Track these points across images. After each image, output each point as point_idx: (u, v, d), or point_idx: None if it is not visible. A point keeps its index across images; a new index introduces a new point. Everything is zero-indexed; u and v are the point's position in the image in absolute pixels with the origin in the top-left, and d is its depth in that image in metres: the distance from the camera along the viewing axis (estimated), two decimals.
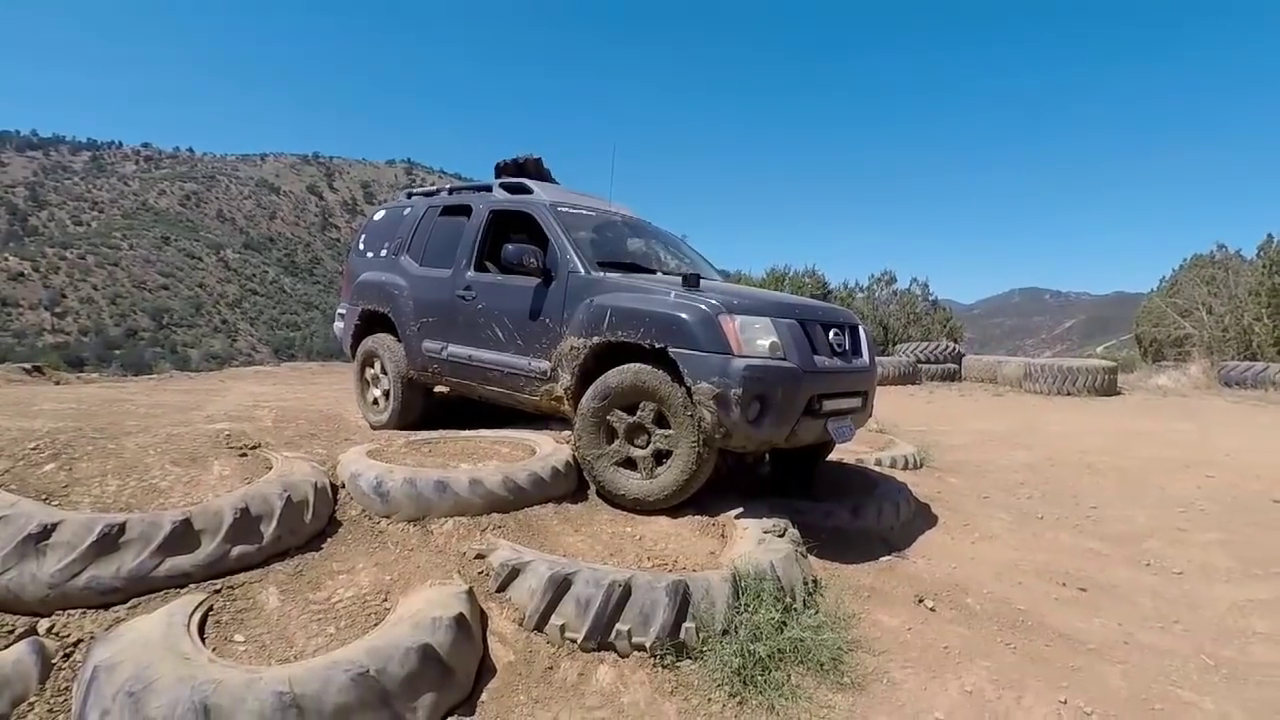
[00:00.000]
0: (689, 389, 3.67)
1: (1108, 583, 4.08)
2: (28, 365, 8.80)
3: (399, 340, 5.57)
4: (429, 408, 5.73)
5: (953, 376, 17.11)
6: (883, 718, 2.63)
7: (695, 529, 3.74)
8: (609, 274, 4.40)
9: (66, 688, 2.31)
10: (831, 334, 4.20)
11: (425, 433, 4.67)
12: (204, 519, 2.84)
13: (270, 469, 3.47)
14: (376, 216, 6.44)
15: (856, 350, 4.44)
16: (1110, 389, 14.62)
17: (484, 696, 2.51)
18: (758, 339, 3.73)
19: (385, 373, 5.64)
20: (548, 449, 4.09)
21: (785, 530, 3.60)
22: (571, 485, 3.96)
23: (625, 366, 3.89)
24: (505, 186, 5.46)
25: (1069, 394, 14.37)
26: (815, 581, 3.46)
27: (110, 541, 2.63)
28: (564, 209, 5.01)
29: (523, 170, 5.97)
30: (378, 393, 5.79)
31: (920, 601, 3.58)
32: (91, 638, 2.43)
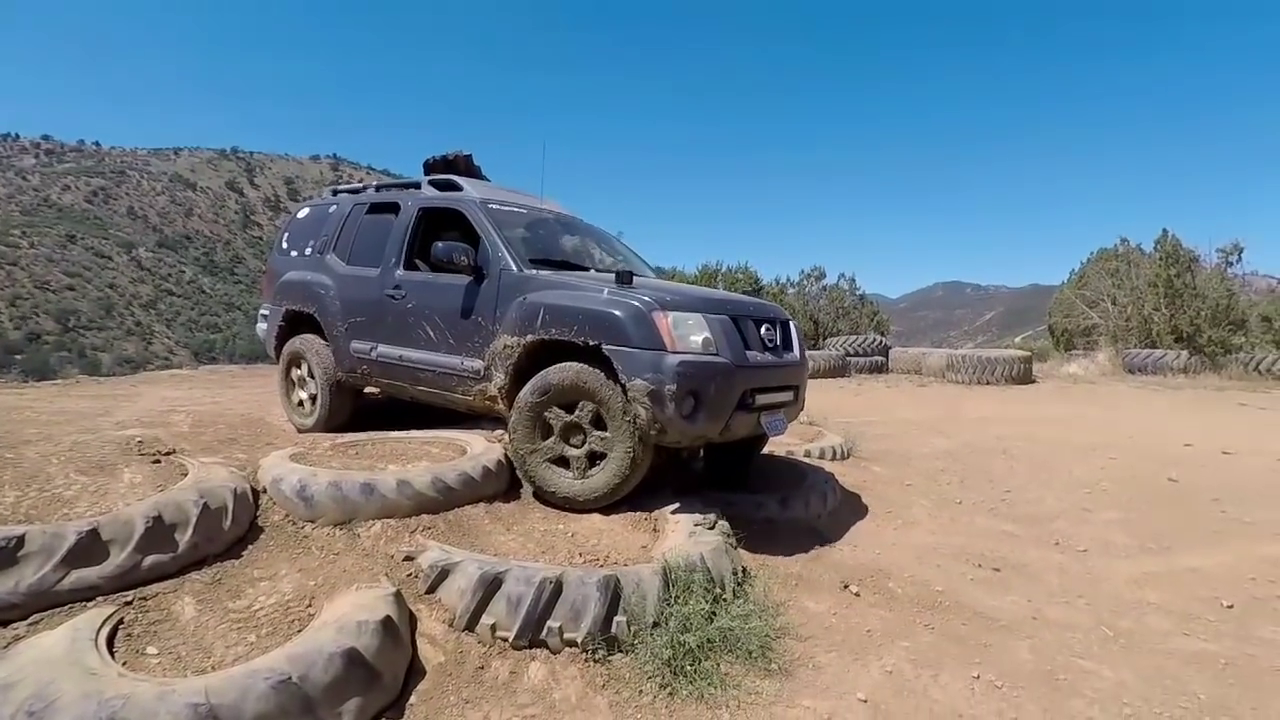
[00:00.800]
0: (623, 386, 3.69)
1: (1019, 562, 4.30)
2: None
3: (326, 341, 5.45)
4: (358, 410, 5.61)
5: (880, 369, 17.67)
6: (808, 701, 2.71)
7: (628, 524, 3.78)
8: (542, 271, 4.38)
9: None
10: (763, 329, 4.28)
11: (353, 435, 4.57)
12: (113, 529, 2.71)
13: (186, 475, 3.34)
14: (300, 214, 6.31)
15: (788, 345, 4.53)
16: (1026, 377, 15.37)
17: (413, 699, 2.48)
18: (690, 335, 3.76)
19: (312, 375, 5.52)
20: (479, 448, 4.06)
21: (715, 523, 3.67)
22: (504, 484, 3.94)
23: (566, 365, 3.88)
24: (434, 183, 5.40)
25: (988, 383, 15.04)
26: (744, 571, 3.54)
27: (8, 555, 2.49)
28: (495, 206, 4.96)
29: (452, 167, 5.91)
30: (304, 395, 5.67)
31: (845, 587, 3.70)
32: None
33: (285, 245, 6.19)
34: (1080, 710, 2.76)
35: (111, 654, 2.33)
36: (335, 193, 6.26)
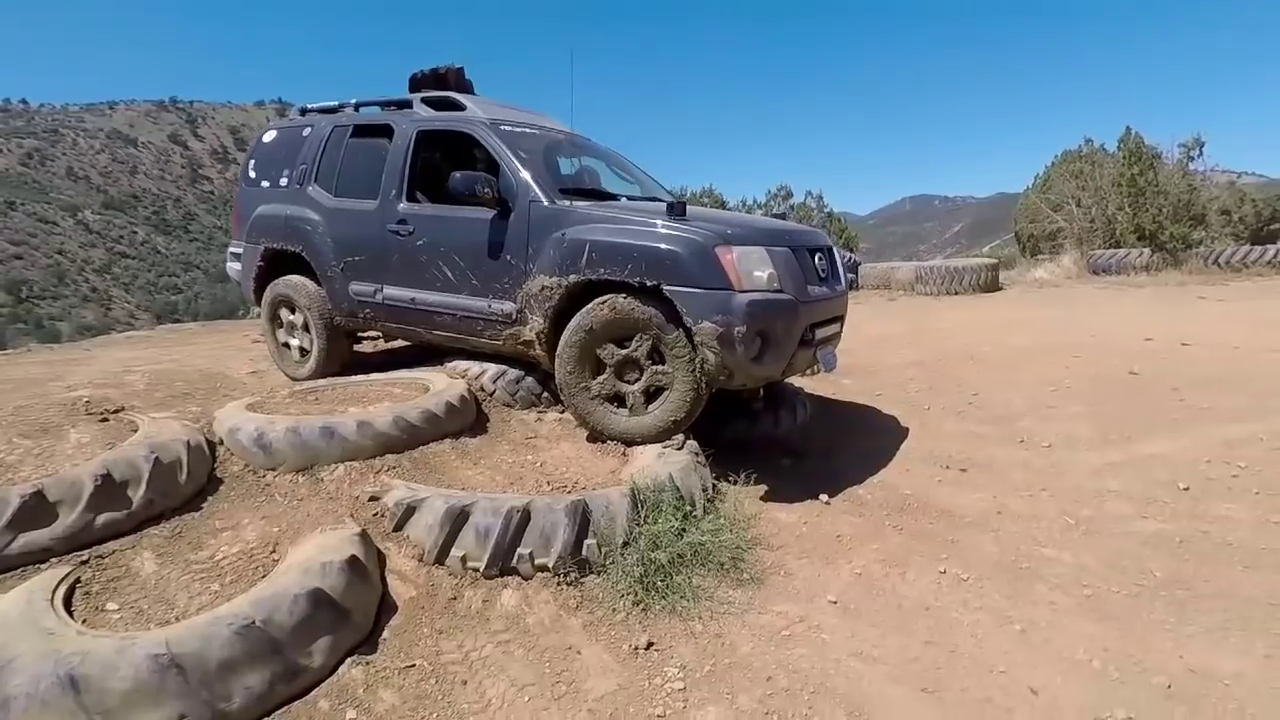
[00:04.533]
0: (688, 329, 3.49)
1: (985, 461, 4.38)
2: None
3: (318, 284, 5.00)
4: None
5: (850, 285, 17.70)
6: (779, 606, 2.76)
7: (596, 451, 3.77)
8: (577, 203, 4.03)
9: None
10: (816, 259, 4.08)
11: (311, 382, 4.46)
12: (59, 490, 2.62)
13: (136, 432, 3.24)
14: (266, 138, 5.67)
15: (835, 274, 4.34)
16: (993, 285, 15.48)
17: (386, 634, 2.47)
18: (755, 271, 3.53)
19: (304, 319, 5.09)
20: (441, 385, 3.99)
21: (684, 443, 3.66)
22: (469, 419, 3.88)
23: (616, 298, 3.63)
24: (429, 102, 4.88)
25: (956, 293, 15.14)
26: (715, 488, 3.56)
27: None
28: (507, 127, 4.51)
29: (443, 83, 5.39)
30: (295, 342, 5.25)
31: (816, 497, 3.75)
32: None
33: (253, 174, 5.53)
34: (1043, 594, 2.85)
35: (70, 613, 2.28)
36: (304, 111, 5.61)
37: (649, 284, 3.55)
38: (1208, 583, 2.90)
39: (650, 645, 2.50)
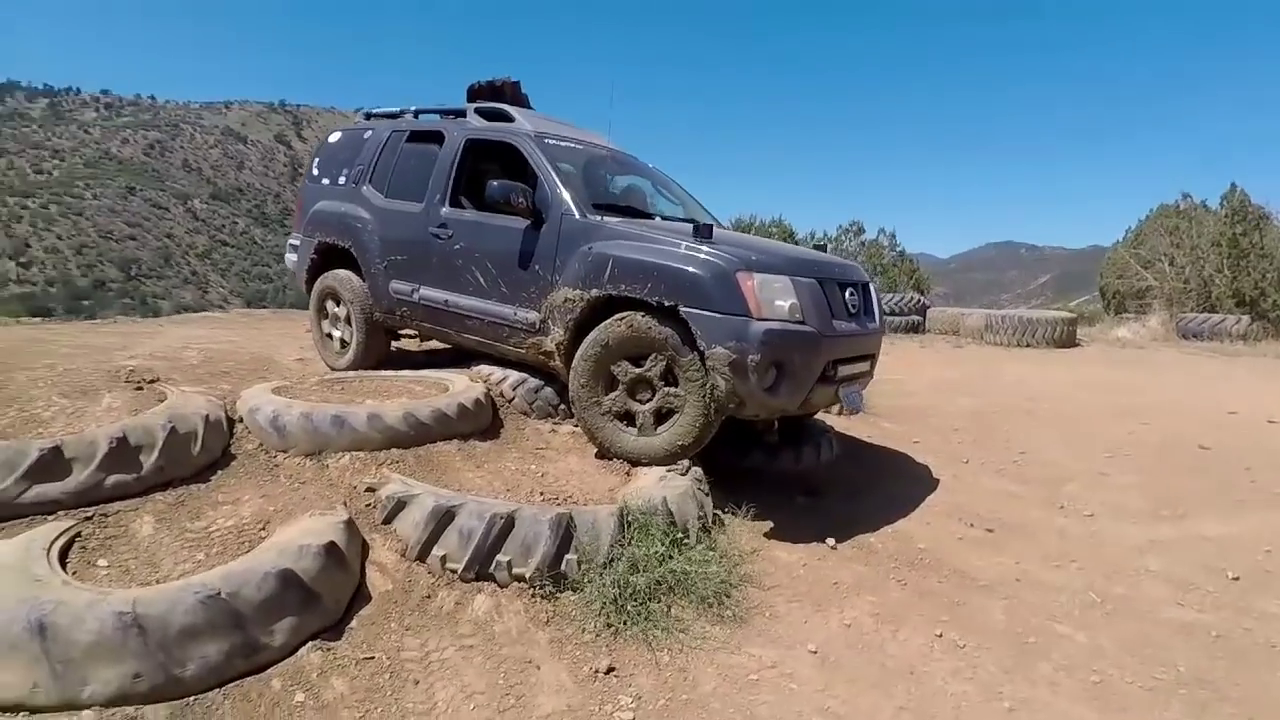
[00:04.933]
0: (701, 352, 3.43)
1: (1017, 523, 4.13)
2: None
3: (363, 279, 5.13)
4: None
5: (916, 328, 17.18)
6: (755, 649, 2.65)
7: (601, 468, 3.74)
8: (608, 218, 4.04)
9: None
10: (847, 294, 3.97)
11: (341, 373, 4.59)
12: (76, 447, 2.76)
13: (163, 402, 3.39)
14: (332, 139, 5.87)
15: (868, 310, 4.23)
16: (1069, 340, 14.77)
17: (354, 623, 2.50)
18: (776, 300, 3.46)
19: (347, 312, 5.24)
20: (460, 387, 4.04)
21: (688, 469, 3.58)
22: (483, 423, 3.91)
23: (633, 315, 3.60)
24: (482, 112, 4.98)
25: (1028, 345, 14.50)
26: (715, 518, 3.47)
27: None
28: (550, 140, 4.59)
29: (499, 95, 5.47)
30: (337, 333, 5.40)
31: (823, 539, 3.60)
32: None
33: (316, 172, 5.73)
34: (1044, 673, 2.65)
35: (64, 565, 2.38)
36: (368, 116, 5.80)
37: (666, 304, 3.52)
38: (1237, 686, 2.63)
39: (611, 670, 2.44)
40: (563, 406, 4.35)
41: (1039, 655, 2.76)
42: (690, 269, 3.51)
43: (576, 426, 4.19)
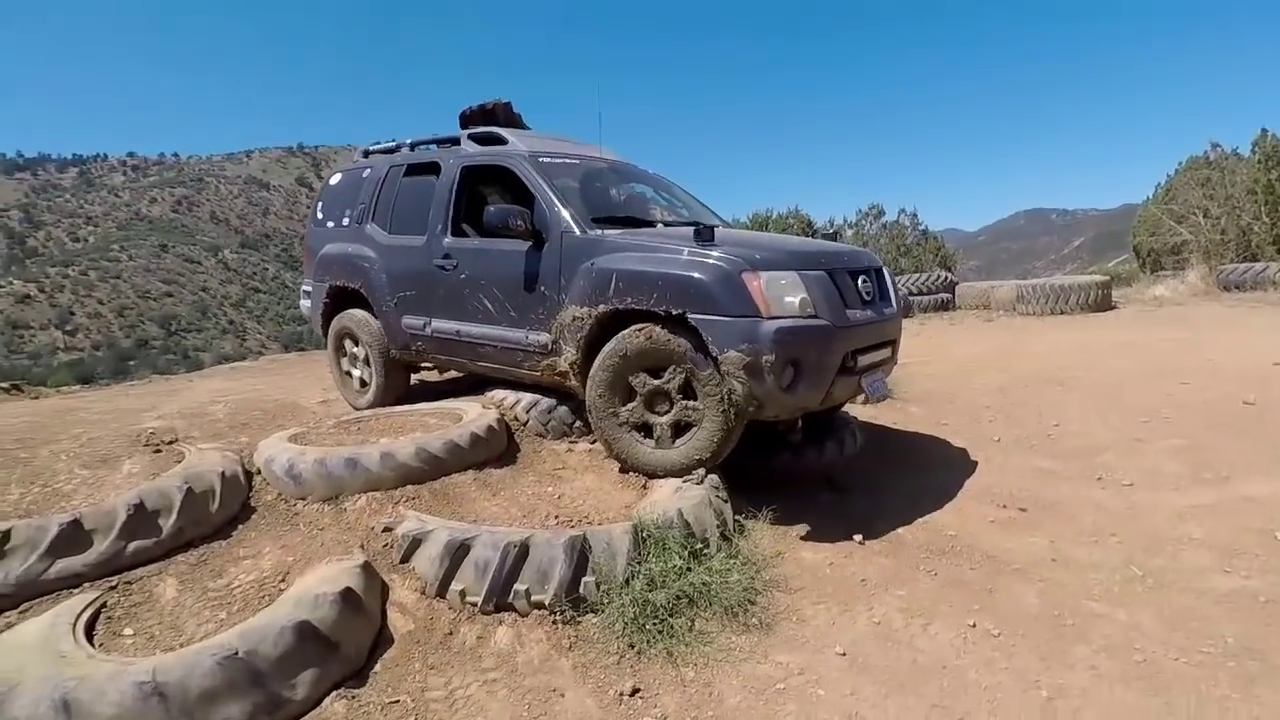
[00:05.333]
0: (715, 358, 3.39)
1: (1050, 501, 4.01)
2: (5, 384, 8.85)
3: (376, 317, 5.18)
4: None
5: (945, 306, 16.86)
6: (782, 656, 2.60)
7: (618, 484, 3.72)
8: (608, 231, 4.02)
9: None
10: (860, 281, 3.91)
11: (359, 413, 4.64)
12: (95, 519, 2.83)
13: (181, 462, 3.46)
14: (333, 181, 5.92)
15: (884, 296, 4.17)
16: (1104, 304, 14.36)
17: (378, 667, 2.50)
18: (785, 296, 3.40)
19: (365, 352, 5.32)
20: (472, 415, 4.05)
21: (704, 477, 3.54)
22: (497, 449, 3.92)
23: (645, 326, 3.59)
24: (475, 138, 4.99)
25: (1062, 313, 14.14)
26: (736, 524, 3.42)
27: None
28: (545, 159, 4.56)
29: (491, 117, 5.46)
30: (357, 372, 5.49)
31: (849, 536, 3.53)
32: None
33: (320, 216, 5.81)
34: (1083, 657, 2.55)
35: (90, 638, 2.43)
36: (367, 154, 5.82)
37: (674, 312, 3.47)
38: None
39: (635, 691, 2.41)
40: (578, 425, 4.35)
41: (1077, 638, 2.67)
42: (694, 275, 3.46)
43: (593, 444, 4.19)
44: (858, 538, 3.51)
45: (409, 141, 5.52)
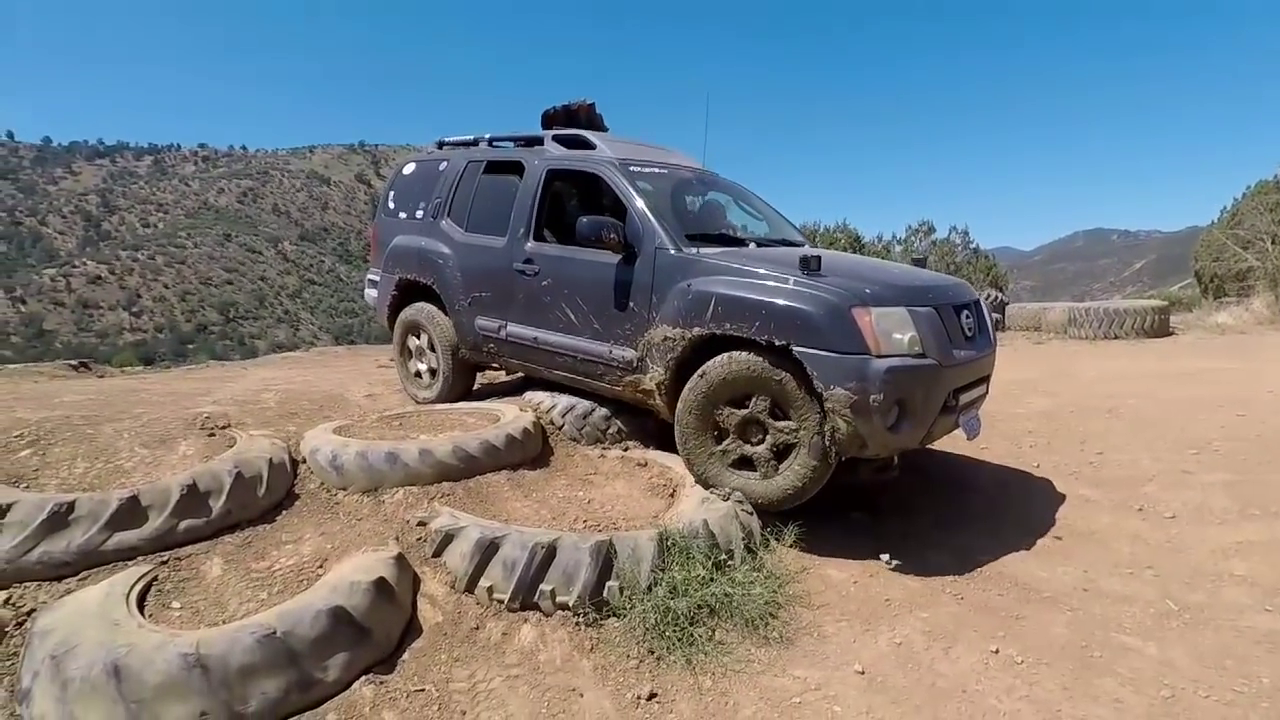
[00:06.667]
0: (820, 395, 3.28)
1: (1087, 530, 3.94)
2: (74, 361, 9.31)
3: (446, 314, 5.15)
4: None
5: (995, 326, 16.53)
6: (800, 670, 2.62)
7: (648, 490, 3.77)
8: (704, 250, 3.91)
9: (16, 652, 2.49)
10: (963, 316, 3.80)
11: (400, 409, 4.78)
12: (151, 496, 2.99)
13: (233, 447, 3.63)
14: (406, 170, 5.82)
15: (983, 330, 4.06)
16: (1161, 330, 13.90)
17: (405, 655, 2.60)
18: (894, 333, 3.28)
19: (432, 346, 5.30)
20: (509, 417, 4.15)
21: (730, 491, 3.57)
22: (532, 451, 4.00)
23: (735, 356, 3.50)
24: (561, 140, 4.90)
25: (1116, 337, 13.72)
26: (762, 538, 3.44)
27: (60, 519, 2.81)
28: (635, 167, 4.46)
29: (574, 119, 5.38)
30: (422, 366, 5.47)
31: (877, 556, 3.52)
32: (43, 606, 2.62)
33: (392, 205, 5.71)
34: (1108, 690, 2.52)
35: (141, 608, 2.58)
36: (441, 145, 5.75)
37: (778, 343, 3.36)
38: None
39: (653, 696, 2.46)
40: (611, 431, 4.41)
41: (1103, 670, 2.63)
42: (803, 306, 3.33)
43: (626, 450, 4.25)
44: (885, 557, 3.50)
45: (488, 136, 5.44)
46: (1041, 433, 6.04)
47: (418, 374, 5.55)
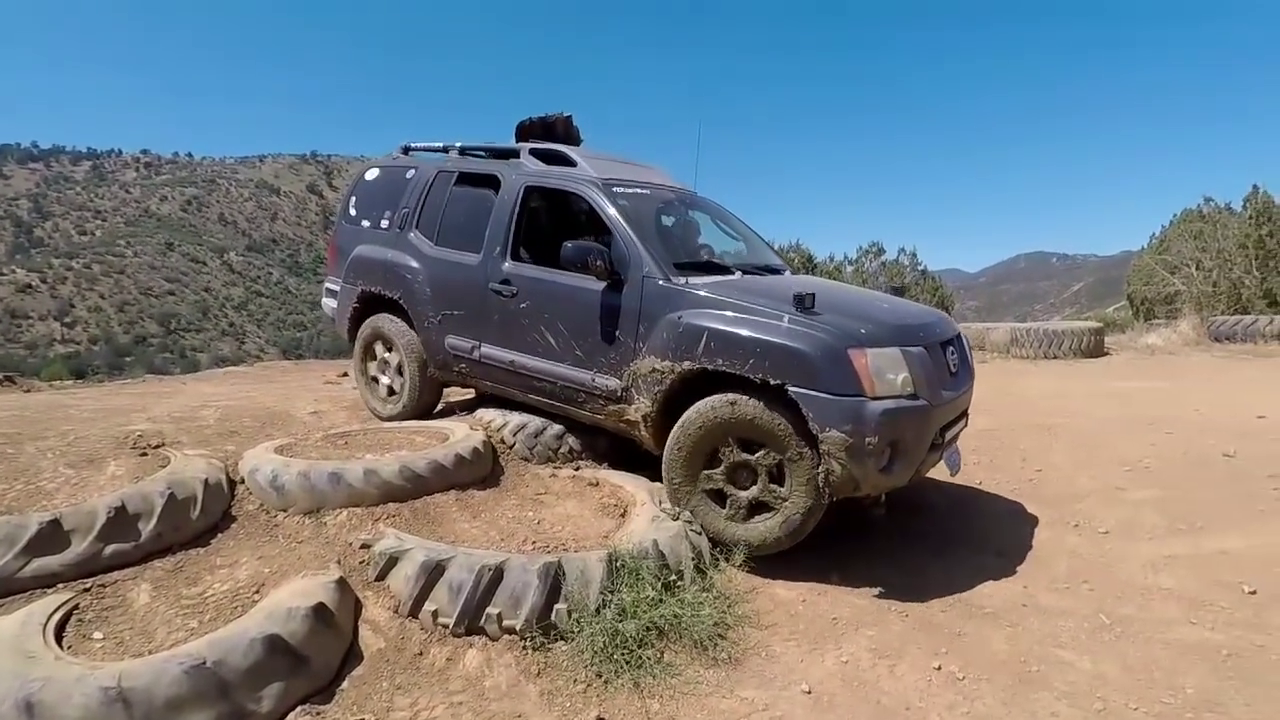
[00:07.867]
0: (814, 436, 3.25)
1: (1027, 546, 4.04)
2: None
3: (415, 330, 4.93)
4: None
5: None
6: (748, 691, 2.62)
7: (598, 511, 3.73)
8: (693, 281, 3.83)
9: None
10: (949, 353, 3.81)
11: (346, 427, 4.67)
12: (75, 519, 2.85)
13: (166, 467, 3.49)
14: (369, 175, 5.57)
15: (965, 365, 4.07)
16: (1097, 350, 14.46)
17: (345, 684, 2.51)
18: (888, 374, 3.27)
19: (398, 360, 5.09)
20: (458, 436, 4.08)
21: (680, 511, 3.57)
22: (482, 471, 3.94)
23: (742, 398, 3.41)
24: (537, 154, 4.75)
25: (1055, 357, 14.24)
26: (712, 558, 3.45)
27: None
28: (618, 188, 4.32)
29: (551, 132, 5.25)
30: (385, 380, 5.25)
31: (825, 575, 3.56)
32: None
33: (354, 212, 5.48)
34: (1045, 704, 2.58)
35: (60, 639, 2.45)
36: (407, 150, 5.53)
37: (772, 382, 3.32)
38: (1247, 707, 2.54)
39: None
40: (563, 450, 4.38)
41: (1040, 684, 2.69)
42: (798, 346, 3.29)
43: (578, 470, 4.23)
44: (834, 577, 3.54)
45: (459, 145, 5.23)
46: (985, 450, 6.20)
47: (381, 389, 5.30)
